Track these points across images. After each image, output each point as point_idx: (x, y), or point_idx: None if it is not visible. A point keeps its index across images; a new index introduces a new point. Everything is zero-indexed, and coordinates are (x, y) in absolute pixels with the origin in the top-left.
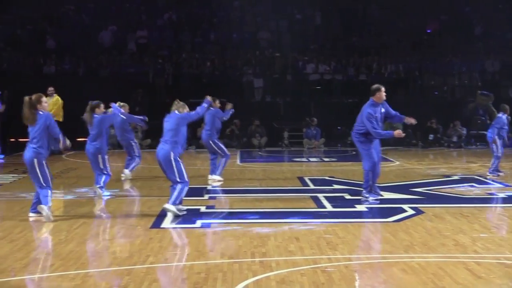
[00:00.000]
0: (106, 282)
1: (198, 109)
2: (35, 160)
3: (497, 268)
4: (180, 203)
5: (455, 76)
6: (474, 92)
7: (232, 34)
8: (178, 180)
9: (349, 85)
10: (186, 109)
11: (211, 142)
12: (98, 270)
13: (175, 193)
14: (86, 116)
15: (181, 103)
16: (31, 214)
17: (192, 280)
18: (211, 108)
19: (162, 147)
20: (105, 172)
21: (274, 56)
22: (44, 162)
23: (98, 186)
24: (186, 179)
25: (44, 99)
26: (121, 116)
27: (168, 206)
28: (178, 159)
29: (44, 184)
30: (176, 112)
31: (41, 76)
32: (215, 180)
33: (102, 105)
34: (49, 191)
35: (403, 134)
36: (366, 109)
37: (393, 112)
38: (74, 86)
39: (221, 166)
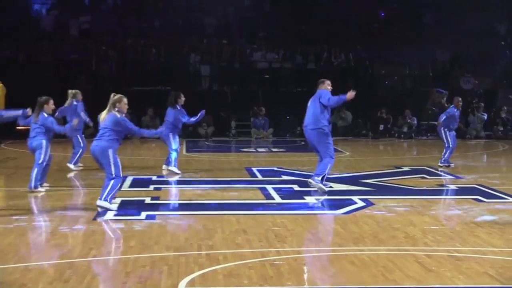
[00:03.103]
0: (47, 276)
1: (145, 132)
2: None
3: (448, 261)
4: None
5: (406, 65)
6: (425, 81)
7: (178, 20)
8: (113, 174)
9: (297, 74)
10: (122, 104)
11: (170, 135)
12: (39, 263)
13: (107, 190)
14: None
15: (117, 96)
16: None
17: (136, 274)
18: (178, 107)
19: (97, 144)
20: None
21: (222, 44)
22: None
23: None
24: (121, 174)
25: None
26: (75, 104)
27: (100, 202)
28: (115, 153)
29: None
30: (113, 112)
31: None
32: (170, 172)
33: (51, 101)
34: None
35: (354, 92)
36: (323, 92)
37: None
38: (14, 73)
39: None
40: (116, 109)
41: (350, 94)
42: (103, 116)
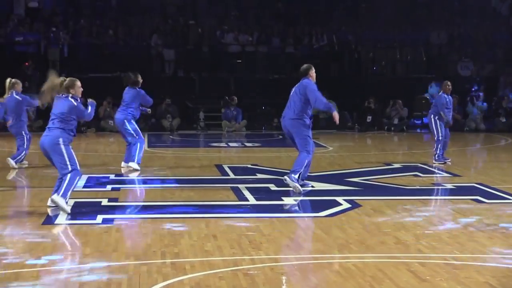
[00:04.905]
0: None
1: (90, 109)
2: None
3: (444, 269)
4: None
5: (396, 49)
6: (418, 67)
7: None
8: (69, 168)
9: (274, 58)
10: (76, 87)
11: (126, 121)
12: None
13: (65, 184)
14: None
15: (68, 80)
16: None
17: (92, 285)
18: (136, 88)
19: (48, 134)
20: None
21: (188, 24)
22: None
23: None
24: (78, 167)
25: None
26: (16, 97)
27: (56, 197)
28: (69, 144)
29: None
30: (70, 97)
31: None
32: (131, 168)
33: None
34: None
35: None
36: (309, 84)
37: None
38: None
39: (138, 151)
40: (70, 95)
41: (336, 116)
42: (54, 102)
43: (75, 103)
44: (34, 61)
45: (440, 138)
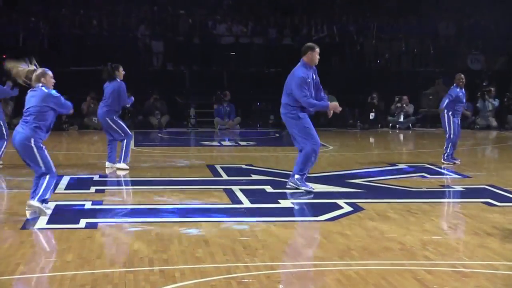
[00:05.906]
0: None
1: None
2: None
3: (453, 277)
4: (47, 201)
5: (402, 41)
6: (425, 61)
7: None
8: (44, 171)
9: (270, 51)
10: (48, 77)
11: (108, 119)
12: None
13: (42, 188)
14: None
15: (39, 70)
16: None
17: None
18: (117, 80)
19: (20, 131)
20: None
21: (178, 14)
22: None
23: None
24: (54, 170)
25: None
26: None
27: (33, 202)
28: (41, 145)
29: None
30: (41, 86)
31: None
32: (115, 168)
33: None
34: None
35: (340, 108)
36: (297, 71)
37: (320, 87)
38: None
39: (124, 150)
40: (41, 84)
41: (334, 106)
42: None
43: (47, 91)
44: (12, 53)
45: (452, 136)
